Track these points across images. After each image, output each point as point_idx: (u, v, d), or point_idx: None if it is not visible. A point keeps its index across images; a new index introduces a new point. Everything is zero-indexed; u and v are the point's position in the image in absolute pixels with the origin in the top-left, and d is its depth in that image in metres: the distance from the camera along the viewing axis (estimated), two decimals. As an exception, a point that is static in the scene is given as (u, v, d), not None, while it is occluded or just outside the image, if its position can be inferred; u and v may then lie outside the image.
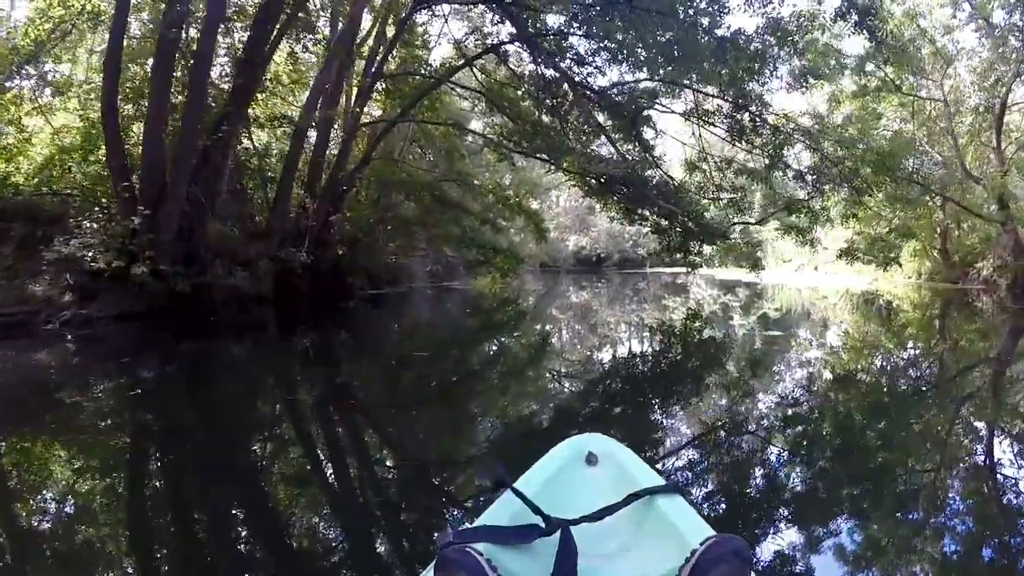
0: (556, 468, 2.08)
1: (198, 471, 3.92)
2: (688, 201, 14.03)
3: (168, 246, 10.78)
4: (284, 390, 6.54)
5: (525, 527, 1.68)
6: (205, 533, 3.16)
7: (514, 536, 1.64)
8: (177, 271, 10.76)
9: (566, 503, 1.87)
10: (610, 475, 2.07)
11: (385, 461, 4.25)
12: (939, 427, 5.02)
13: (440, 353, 8.86)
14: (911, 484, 3.68)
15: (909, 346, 10.19)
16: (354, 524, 3.21)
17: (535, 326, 12.57)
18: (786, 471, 3.89)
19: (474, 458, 4.22)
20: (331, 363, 8.20)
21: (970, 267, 22.89)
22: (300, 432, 5.07)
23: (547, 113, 14.88)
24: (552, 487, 1.97)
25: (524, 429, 4.91)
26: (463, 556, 1.34)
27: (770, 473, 3.86)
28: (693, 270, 17.37)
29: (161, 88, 11.18)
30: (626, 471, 2.06)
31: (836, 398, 6.05)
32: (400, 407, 5.67)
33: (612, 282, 30.02)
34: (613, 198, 14.67)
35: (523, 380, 7.13)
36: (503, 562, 1.48)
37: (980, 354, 9.36)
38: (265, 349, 9.41)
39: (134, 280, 10.26)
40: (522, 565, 1.59)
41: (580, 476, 2.10)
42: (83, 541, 2.88)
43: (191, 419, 5.31)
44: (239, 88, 11.66)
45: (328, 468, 4.17)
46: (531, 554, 1.64)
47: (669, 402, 6.03)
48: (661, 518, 1.78)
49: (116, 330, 9.86)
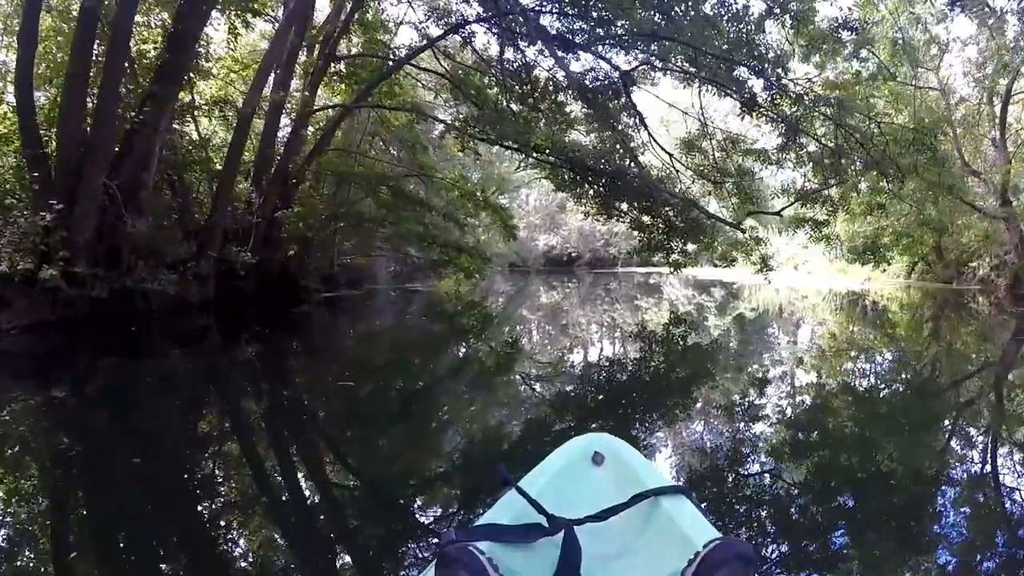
0: (561, 467, 2.07)
1: (129, 515, 3.23)
2: (674, 193, 12.87)
3: (85, 246, 9.42)
4: (224, 408, 5.98)
5: (528, 526, 1.68)
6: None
7: (517, 535, 1.64)
8: (95, 273, 9.40)
9: (571, 503, 1.86)
10: (616, 475, 2.06)
11: (359, 473, 4.03)
12: (944, 435, 5.03)
13: (390, 370, 8.07)
14: (916, 492, 3.64)
15: (911, 352, 9.66)
16: (353, 524, 3.19)
17: (503, 329, 11.65)
18: (793, 476, 3.86)
19: (474, 459, 4.19)
20: (279, 375, 7.34)
21: (964, 266, 21.97)
22: (257, 449, 4.64)
23: (516, 101, 13.81)
24: (557, 486, 1.96)
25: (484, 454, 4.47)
26: (465, 554, 1.32)
27: (777, 478, 3.82)
28: (676, 270, 15.61)
29: (79, 66, 9.75)
30: (632, 472, 2.04)
31: (842, 407, 5.91)
32: (353, 421, 5.34)
33: (583, 282, 29.57)
34: (588, 192, 13.62)
35: (490, 393, 6.65)
36: (505, 561, 1.47)
37: (984, 360, 8.94)
38: (204, 361, 8.32)
39: (44, 284, 8.86)
40: (525, 564, 1.58)
41: (585, 476, 2.08)
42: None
43: (102, 449, 4.41)
44: (168, 65, 10.31)
45: (300, 479, 3.97)
46: (534, 553, 1.63)
47: (671, 405, 5.94)
48: (666, 519, 1.76)
49: (28, 342, 8.54)
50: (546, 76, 13.46)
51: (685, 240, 14.11)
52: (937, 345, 9.94)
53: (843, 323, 13.13)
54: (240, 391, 6.72)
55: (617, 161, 12.01)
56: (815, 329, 12.26)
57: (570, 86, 13.00)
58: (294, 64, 14.57)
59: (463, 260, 13.59)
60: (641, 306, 16.99)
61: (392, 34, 15.79)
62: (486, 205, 14.07)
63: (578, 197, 14.54)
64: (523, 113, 13.22)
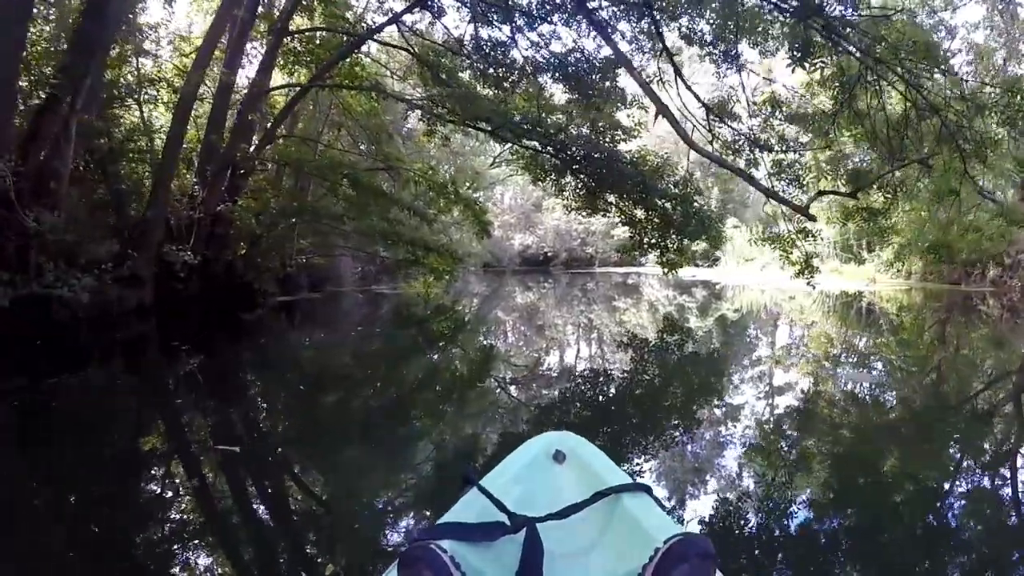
0: (523, 465, 2.07)
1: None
2: (676, 183, 11.46)
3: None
4: (152, 431, 5.23)
5: (490, 524, 1.66)
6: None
7: (479, 533, 1.62)
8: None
9: (533, 501, 1.87)
10: (577, 473, 2.05)
11: (318, 483, 3.86)
12: (908, 427, 5.15)
13: (350, 382, 7.24)
14: (875, 484, 3.73)
15: (909, 357, 8.99)
16: (315, 527, 3.16)
17: (474, 338, 10.44)
18: (754, 472, 3.95)
19: (436, 461, 4.16)
20: (223, 390, 6.53)
21: (972, 267, 20.47)
22: (199, 469, 4.11)
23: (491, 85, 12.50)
24: (519, 484, 1.96)
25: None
26: (427, 553, 1.32)
27: (738, 474, 3.90)
28: (671, 271, 13.18)
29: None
30: (594, 469, 2.03)
31: (812, 408, 5.93)
32: (310, 434, 4.96)
33: (560, 283, 28.80)
34: (571, 183, 12.32)
35: (455, 402, 6.25)
36: (468, 560, 1.47)
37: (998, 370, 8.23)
38: (133, 378, 7.28)
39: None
40: (487, 563, 1.57)
41: (547, 474, 2.07)
42: None
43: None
44: (83, 35, 8.81)
45: (255, 492, 3.77)
46: (496, 552, 1.61)
47: (637, 401, 5.97)
48: (627, 516, 1.77)
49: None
50: (525, 57, 12.14)
51: (682, 236, 12.15)
52: (944, 351, 9.18)
53: (836, 327, 12.18)
54: (175, 410, 5.78)
55: (606, 146, 10.58)
56: (801, 332, 11.72)
57: (553, 68, 11.76)
58: (245, 41, 13.12)
59: (432, 260, 12.20)
60: (619, 307, 16.40)
61: (353, 9, 14.35)
62: (458, 199, 12.65)
63: (560, 190, 13.13)
64: (499, 98, 11.91)
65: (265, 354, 9.19)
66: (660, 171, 11.64)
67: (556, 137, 10.61)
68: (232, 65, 12.71)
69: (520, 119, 10.23)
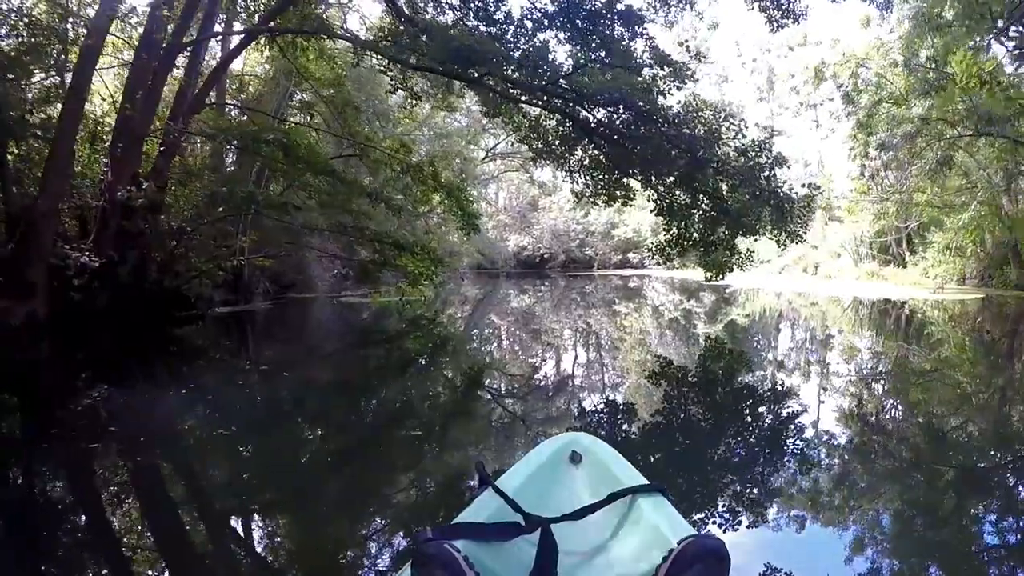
0: (539, 466, 2.05)
1: None
2: (742, 148, 8.41)
3: None
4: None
5: (505, 524, 1.66)
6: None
7: (493, 533, 1.61)
8: None
9: (548, 501, 1.87)
10: (593, 474, 2.05)
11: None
12: (916, 431, 4.96)
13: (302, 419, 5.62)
14: (890, 490, 3.60)
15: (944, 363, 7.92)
16: (330, 525, 3.10)
17: (458, 360, 8.24)
18: (769, 475, 3.84)
19: (449, 465, 4.06)
20: (134, 429, 4.81)
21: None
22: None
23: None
24: (534, 485, 1.94)
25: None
26: (441, 552, 1.31)
27: (754, 477, 3.80)
28: (718, 276, 10.59)
29: None
30: (609, 470, 2.02)
31: (823, 405, 5.68)
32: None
33: (557, 286, 26.67)
34: (585, 159, 9.56)
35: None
36: (482, 559, 1.44)
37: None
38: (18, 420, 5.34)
39: None
40: (501, 563, 1.55)
41: (563, 474, 2.06)
42: None
43: None
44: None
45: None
46: (510, 552, 1.61)
47: (653, 405, 5.79)
48: (642, 517, 1.76)
49: None
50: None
51: (738, 230, 9.10)
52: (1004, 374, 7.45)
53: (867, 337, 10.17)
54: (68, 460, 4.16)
55: (637, 103, 7.60)
56: (817, 336, 10.47)
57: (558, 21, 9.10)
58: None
59: (405, 260, 9.52)
60: (619, 311, 15.37)
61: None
62: (437, 185, 9.92)
63: (569, 171, 10.37)
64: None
65: (197, 379, 6.86)
66: (716, 133, 8.52)
67: (566, 90, 7.83)
68: (158, 16, 10.07)
69: (519, 59, 7.60)
